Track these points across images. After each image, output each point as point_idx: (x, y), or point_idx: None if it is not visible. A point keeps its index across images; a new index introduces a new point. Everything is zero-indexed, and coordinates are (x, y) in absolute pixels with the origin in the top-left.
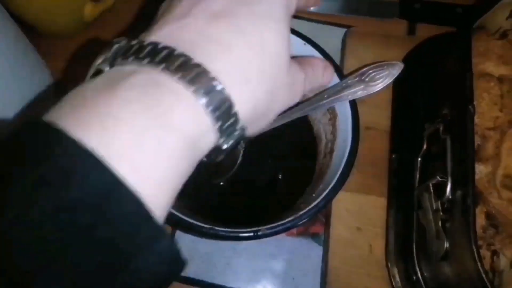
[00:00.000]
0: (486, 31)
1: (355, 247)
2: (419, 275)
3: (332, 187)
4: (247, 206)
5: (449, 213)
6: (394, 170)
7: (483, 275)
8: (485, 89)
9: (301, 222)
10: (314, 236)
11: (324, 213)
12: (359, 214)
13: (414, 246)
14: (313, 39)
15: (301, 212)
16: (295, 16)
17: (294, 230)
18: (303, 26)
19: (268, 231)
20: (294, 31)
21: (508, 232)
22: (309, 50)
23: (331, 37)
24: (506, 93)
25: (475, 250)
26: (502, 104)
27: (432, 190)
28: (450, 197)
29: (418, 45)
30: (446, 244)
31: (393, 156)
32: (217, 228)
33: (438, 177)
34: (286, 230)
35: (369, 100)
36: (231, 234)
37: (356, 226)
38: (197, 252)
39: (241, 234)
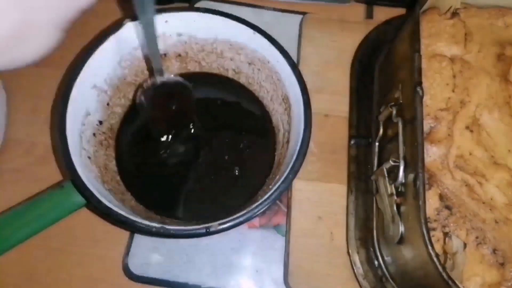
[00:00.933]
0: (438, 11)
1: (316, 236)
2: (380, 259)
3: (284, 179)
4: (208, 200)
5: (403, 197)
6: (353, 156)
7: (434, 258)
8: (437, 70)
9: (253, 216)
10: (277, 227)
11: (286, 203)
12: (319, 202)
13: (375, 232)
14: (271, 27)
15: (253, 206)
16: (252, 5)
17: (257, 222)
18: (261, 15)
19: (220, 227)
20: (243, 21)
21: (462, 213)
22: (259, 39)
23: (289, 25)
24: (458, 73)
25: (425, 233)
26: (454, 84)
27: (386, 174)
28: (403, 180)
29: (373, 30)
30: (402, 228)
31: (352, 142)
32: (167, 227)
33: (391, 161)
34: (238, 224)
35: (328, 87)
36: (182, 232)
37: (317, 215)
38: (158, 250)
39: (192, 232)
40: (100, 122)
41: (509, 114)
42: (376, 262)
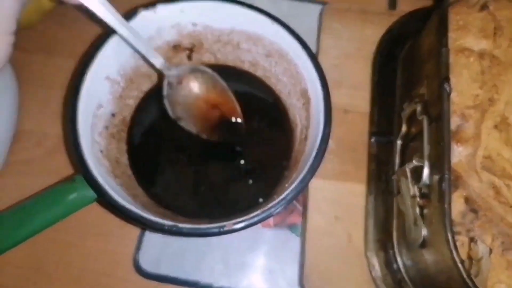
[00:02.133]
0: (467, 3)
1: (333, 237)
2: (400, 263)
3: (301, 178)
4: (222, 198)
5: (427, 199)
6: (373, 154)
7: (459, 264)
8: (464, 65)
9: (269, 216)
10: (292, 227)
11: (302, 202)
12: (337, 202)
13: (394, 234)
14: (289, 17)
15: (269, 206)
16: None
17: (271, 221)
18: (278, 5)
19: (234, 227)
20: (262, 11)
21: (488, 217)
22: (277, 30)
23: (308, 16)
24: (486, 69)
25: (450, 238)
26: (482, 81)
27: (409, 175)
28: (428, 182)
29: (396, 22)
30: (424, 231)
31: (372, 139)
32: (180, 225)
33: (414, 161)
34: (252, 225)
35: (347, 82)
36: (195, 231)
37: (335, 215)
38: (170, 247)
39: (206, 231)
40: (113, 115)
41: None
42: (395, 265)
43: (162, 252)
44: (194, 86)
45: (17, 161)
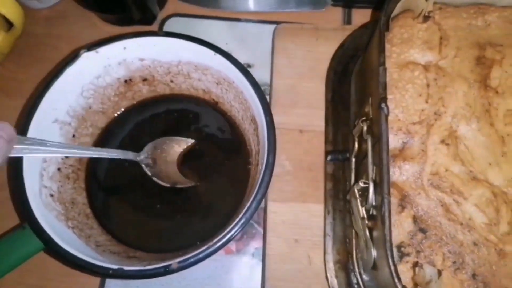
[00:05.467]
0: (412, 14)
1: (293, 261)
2: (360, 283)
3: (246, 208)
4: (185, 229)
5: (374, 221)
6: (329, 173)
7: None
8: (409, 80)
9: (214, 251)
10: (254, 252)
11: (263, 226)
12: (296, 225)
13: (354, 253)
14: (246, 40)
15: (214, 241)
16: (226, 18)
17: (233, 247)
18: (235, 28)
19: (180, 265)
20: (202, 42)
21: (438, 236)
22: (220, 59)
23: (264, 36)
24: (432, 82)
25: (391, 264)
26: (428, 95)
27: (357, 196)
28: (374, 203)
29: (348, 37)
30: (374, 254)
31: (328, 158)
32: (125, 268)
33: (360, 182)
34: (199, 261)
35: (302, 101)
36: (140, 273)
37: (294, 238)
38: (132, 284)
39: (150, 272)
40: (66, 156)
41: (489, 123)
42: (356, 286)
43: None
44: (165, 156)
45: None
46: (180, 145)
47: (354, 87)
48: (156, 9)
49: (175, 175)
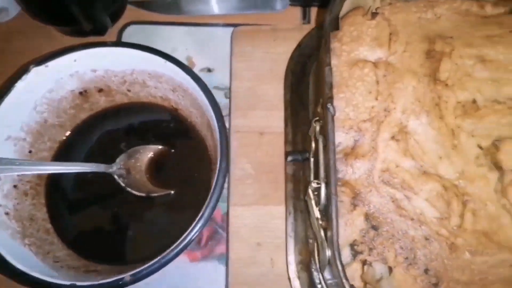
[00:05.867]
0: (362, 11)
1: (256, 264)
2: (323, 283)
3: (199, 217)
4: (149, 239)
5: (327, 221)
6: (290, 174)
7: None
8: (359, 77)
9: (169, 260)
10: (220, 257)
11: (226, 231)
12: (258, 228)
13: (316, 253)
14: (206, 45)
15: (168, 250)
16: (185, 23)
17: (199, 254)
18: (195, 33)
19: (134, 277)
20: (152, 50)
21: (389, 232)
22: (171, 66)
23: (223, 40)
24: (381, 78)
25: (339, 264)
26: (377, 91)
27: (312, 196)
28: (326, 203)
29: (305, 36)
30: (328, 253)
31: (289, 158)
32: (78, 284)
33: (313, 182)
34: (153, 272)
35: (262, 103)
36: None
37: (256, 241)
38: None
39: (104, 286)
40: (36, 173)
41: (439, 117)
42: (319, 286)
43: None
44: (140, 166)
45: None
46: (154, 152)
47: (311, 87)
48: (106, 19)
49: (149, 184)
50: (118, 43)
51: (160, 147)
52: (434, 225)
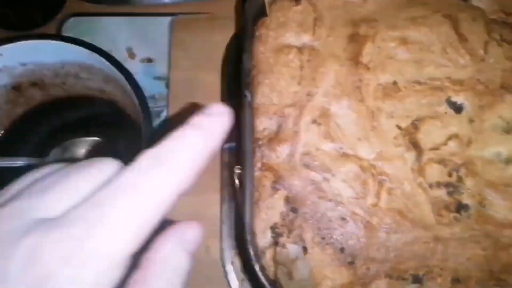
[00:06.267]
0: None
1: None
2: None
3: None
4: None
5: (242, 205)
6: (225, 162)
7: (258, 273)
8: (284, 63)
9: None
10: None
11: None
12: (194, 216)
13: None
14: (146, 34)
15: None
16: (125, 14)
17: None
18: (134, 22)
19: None
20: (76, 40)
21: (308, 214)
22: (96, 57)
23: (162, 29)
24: (306, 63)
25: (250, 249)
26: (300, 76)
27: (237, 182)
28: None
29: (241, 26)
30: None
31: (225, 146)
32: None
33: (235, 169)
34: None
35: (201, 93)
36: None
37: None
38: None
39: None
40: None
41: (359, 99)
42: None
43: None
44: None
45: None
46: (91, 145)
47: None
48: (37, 15)
49: None
50: (42, 35)
51: (96, 139)
52: (351, 204)
